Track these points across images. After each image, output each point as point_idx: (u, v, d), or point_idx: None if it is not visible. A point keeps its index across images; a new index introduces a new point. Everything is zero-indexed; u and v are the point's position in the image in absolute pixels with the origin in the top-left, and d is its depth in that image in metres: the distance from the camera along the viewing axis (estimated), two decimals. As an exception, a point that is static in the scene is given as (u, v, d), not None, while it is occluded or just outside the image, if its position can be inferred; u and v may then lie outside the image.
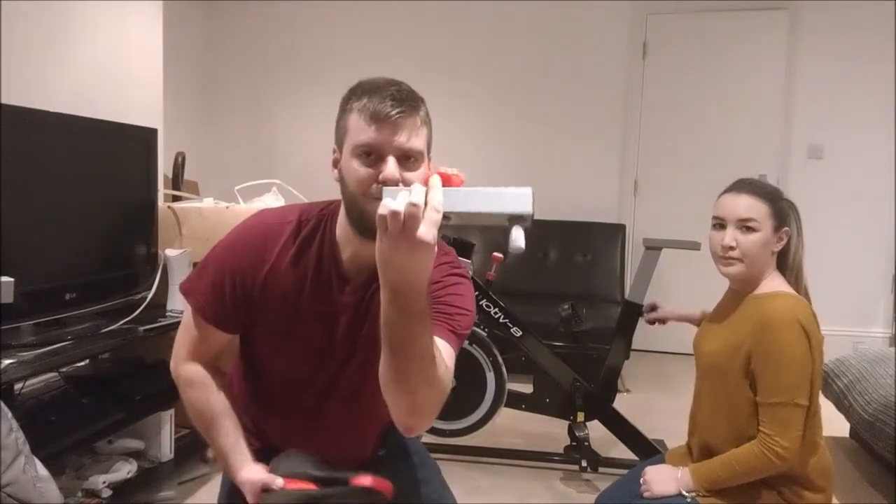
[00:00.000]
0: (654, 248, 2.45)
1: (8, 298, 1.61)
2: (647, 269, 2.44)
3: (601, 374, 2.51)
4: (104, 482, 2.04)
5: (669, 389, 3.63)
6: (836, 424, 2.67)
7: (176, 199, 2.85)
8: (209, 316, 1.16)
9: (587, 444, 2.46)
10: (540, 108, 4.56)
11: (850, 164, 4.18)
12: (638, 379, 3.78)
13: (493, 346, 2.48)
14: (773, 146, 4.26)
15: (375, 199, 0.96)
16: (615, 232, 4.29)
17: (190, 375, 1.19)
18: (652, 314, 2.14)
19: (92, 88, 2.58)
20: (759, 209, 1.48)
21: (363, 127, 1.01)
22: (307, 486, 0.98)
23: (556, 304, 2.63)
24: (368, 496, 0.97)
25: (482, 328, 2.54)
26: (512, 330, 2.48)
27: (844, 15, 4.10)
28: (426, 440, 2.42)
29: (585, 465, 2.47)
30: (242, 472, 1.12)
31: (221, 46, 4.95)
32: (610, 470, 2.49)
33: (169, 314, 2.28)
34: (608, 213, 4.45)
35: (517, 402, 2.60)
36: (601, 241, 4.26)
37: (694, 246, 2.35)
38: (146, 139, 2.46)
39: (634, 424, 2.49)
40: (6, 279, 1.62)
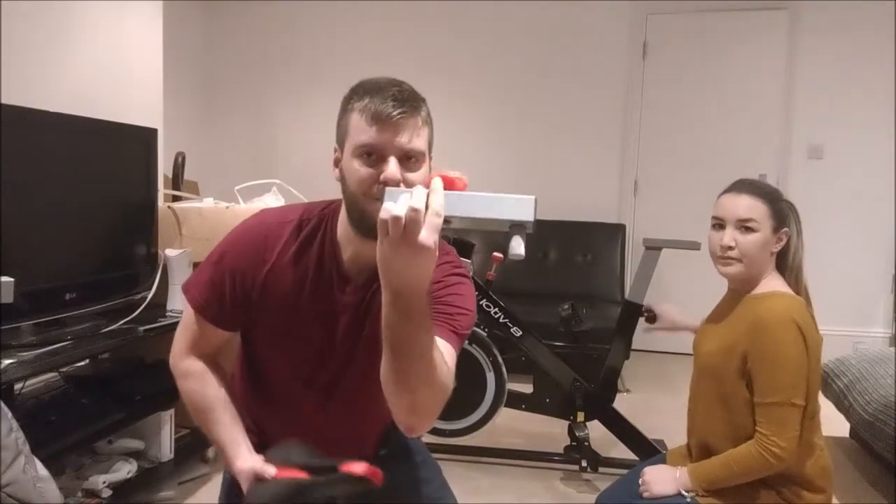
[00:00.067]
0: (654, 248, 2.45)
1: (8, 298, 1.61)
2: (647, 269, 2.44)
3: (601, 374, 2.51)
4: (104, 482, 2.04)
5: (669, 389, 3.63)
6: (836, 424, 2.67)
7: (176, 199, 2.85)
8: (208, 315, 1.17)
9: (587, 444, 2.46)
10: (540, 108, 4.56)
11: (850, 164, 4.18)
12: (638, 379, 3.78)
13: (493, 346, 2.49)
14: (773, 146, 4.26)
15: (376, 199, 0.97)
16: (615, 232, 4.29)
17: (188, 368, 1.20)
18: (652, 326, 2.11)
19: (92, 88, 2.58)
20: (758, 209, 1.48)
21: (364, 127, 1.01)
22: (298, 474, 0.97)
23: (556, 304, 2.63)
24: (358, 484, 0.97)
25: (482, 328, 2.54)
26: (512, 330, 2.48)
27: (844, 15, 4.10)
28: (426, 440, 2.41)
29: (585, 465, 2.47)
30: (238, 461, 1.11)
31: (221, 46, 4.95)
32: (610, 470, 2.49)
33: (169, 314, 2.28)
34: (608, 213, 4.45)
35: (517, 402, 2.60)
36: (601, 241, 4.26)
37: (694, 246, 2.35)
38: (146, 139, 2.46)
39: (634, 424, 2.49)
40: (6, 279, 1.62)
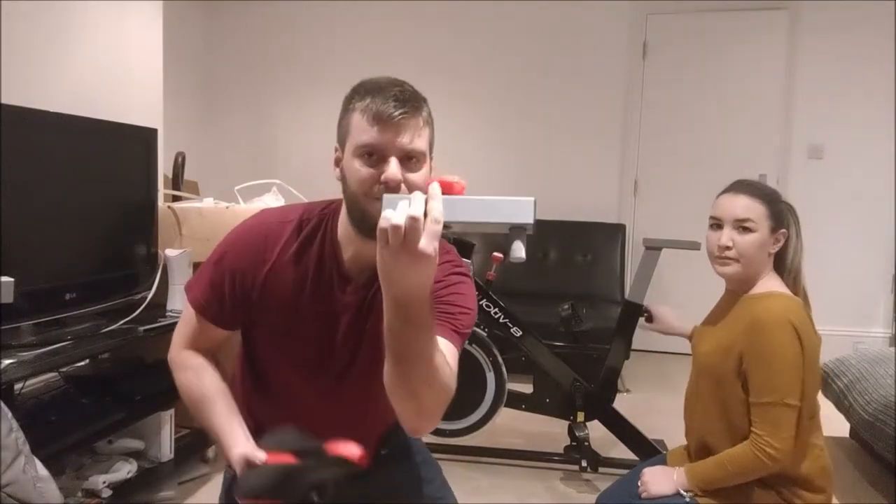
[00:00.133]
0: (654, 248, 2.45)
1: (8, 298, 1.61)
2: (647, 269, 2.44)
3: (601, 374, 2.51)
4: (104, 482, 2.04)
5: (669, 389, 3.62)
6: (836, 424, 2.67)
7: (176, 199, 2.85)
8: (209, 315, 1.17)
9: (587, 444, 2.46)
10: (540, 108, 4.56)
11: (850, 164, 4.18)
12: (638, 379, 3.78)
13: (493, 346, 2.48)
14: (773, 146, 4.26)
15: (377, 199, 0.96)
16: (615, 232, 4.29)
17: (185, 360, 1.20)
18: (648, 326, 2.12)
19: (92, 88, 2.58)
20: (756, 210, 1.48)
21: (366, 127, 1.01)
22: (287, 459, 0.97)
23: (556, 304, 2.63)
24: (344, 466, 0.97)
25: (482, 328, 2.54)
26: (512, 330, 2.48)
27: (844, 15, 4.10)
28: (426, 440, 2.40)
29: (585, 465, 2.47)
30: (233, 448, 1.09)
31: (221, 46, 4.95)
32: (610, 470, 2.49)
33: (169, 314, 2.28)
34: (608, 213, 4.45)
35: (517, 402, 2.60)
36: (601, 241, 4.26)
37: (694, 246, 2.35)
38: (146, 139, 2.46)
39: (634, 424, 2.49)
40: (6, 279, 1.62)
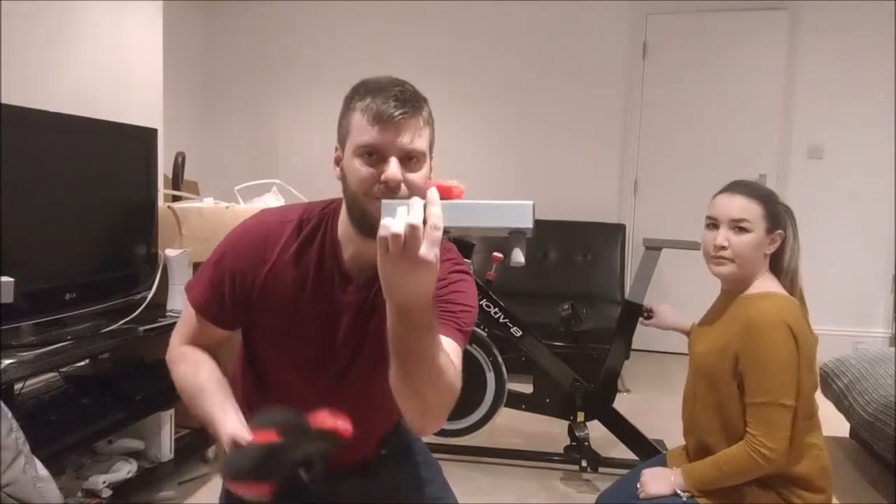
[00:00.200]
0: (654, 248, 2.45)
1: (8, 298, 1.61)
2: (647, 269, 2.44)
3: (601, 374, 2.51)
4: (104, 482, 2.04)
5: (669, 389, 3.63)
6: (836, 424, 2.67)
7: (176, 199, 2.85)
8: (209, 315, 1.17)
9: (587, 444, 2.46)
10: (540, 108, 4.56)
11: (850, 164, 4.18)
12: (638, 379, 3.78)
13: (493, 346, 2.48)
14: (773, 146, 4.26)
15: (377, 198, 0.97)
16: (615, 232, 4.29)
17: (183, 353, 1.19)
18: (647, 322, 2.13)
19: (92, 88, 2.58)
20: (752, 210, 1.48)
21: (366, 127, 1.01)
22: (271, 437, 0.95)
23: (556, 304, 2.63)
24: (328, 439, 0.95)
25: (482, 328, 2.54)
26: (512, 330, 2.48)
27: (844, 15, 4.10)
28: (426, 440, 2.41)
29: (585, 465, 2.47)
30: (222, 430, 1.04)
31: (221, 46, 4.95)
32: (610, 470, 2.49)
33: (169, 314, 2.28)
34: (608, 213, 4.45)
35: (517, 402, 2.60)
36: (601, 241, 4.26)
37: (694, 246, 2.34)
38: (146, 139, 2.46)
39: (634, 424, 2.49)
40: (6, 279, 1.62)
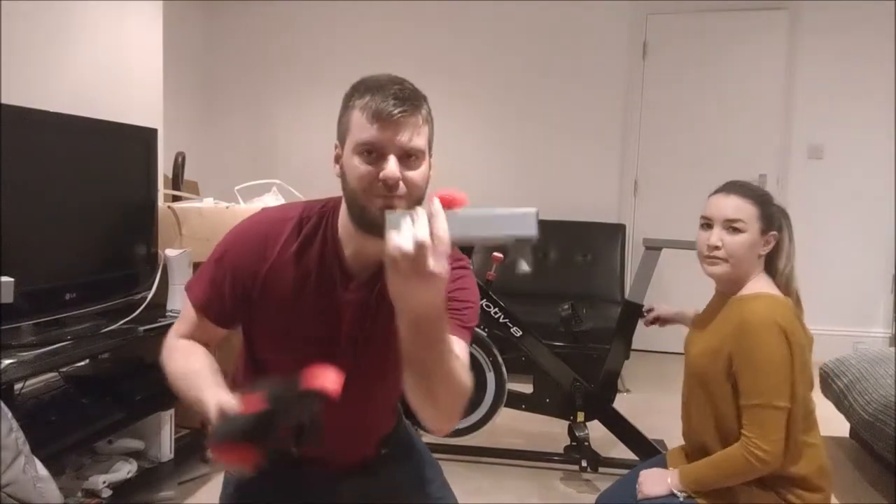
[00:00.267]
0: (654, 248, 2.45)
1: (8, 298, 1.61)
2: (647, 269, 2.44)
3: (601, 374, 2.51)
4: (104, 482, 2.05)
5: (669, 389, 3.61)
6: (836, 424, 2.67)
7: (176, 199, 2.85)
8: (210, 314, 1.17)
9: (587, 444, 2.46)
10: (540, 108, 4.56)
11: (850, 164, 4.18)
12: (638, 379, 3.78)
13: (493, 346, 2.49)
14: (773, 146, 4.26)
15: (377, 196, 0.99)
16: (615, 232, 4.29)
17: (176, 344, 1.18)
18: (649, 315, 2.13)
19: (92, 88, 2.58)
20: (746, 211, 1.48)
21: (365, 125, 1.01)
22: (260, 404, 0.92)
23: (556, 304, 2.63)
24: (316, 399, 0.91)
25: (482, 328, 2.54)
26: (512, 330, 2.48)
27: (844, 15, 4.10)
28: (427, 440, 2.41)
29: (585, 465, 2.47)
30: (210, 402, 0.97)
31: (221, 46, 4.95)
32: (610, 470, 2.49)
33: (169, 314, 2.28)
34: (608, 213, 4.45)
35: (517, 402, 2.60)
36: (601, 241, 4.26)
37: (694, 246, 2.33)
38: (146, 139, 2.46)
39: (634, 424, 2.49)
40: (6, 279, 1.62)
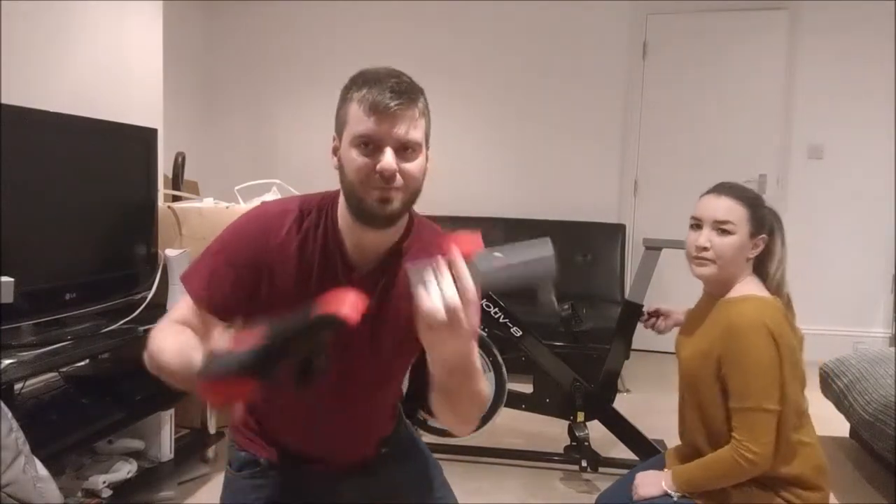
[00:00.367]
0: (654, 248, 2.45)
1: (8, 298, 1.62)
2: (647, 269, 2.44)
3: (601, 374, 2.51)
4: (104, 482, 2.05)
5: (669, 389, 3.59)
6: (836, 424, 2.66)
7: (176, 199, 2.85)
8: (210, 307, 1.12)
9: (587, 444, 2.46)
10: (540, 108, 4.55)
11: (850, 164, 4.18)
12: (638, 379, 3.78)
13: (493, 346, 2.48)
14: (773, 146, 4.26)
15: (374, 188, 1.02)
16: (615, 232, 4.29)
17: (161, 326, 1.09)
18: (651, 321, 2.07)
19: (92, 88, 2.58)
20: (736, 212, 1.47)
21: (362, 117, 1.01)
22: (257, 340, 0.76)
23: (555, 304, 2.63)
24: (328, 325, 0.77)
25: (482, 328, 2.54)
26: (512, 330, 2.48)
27: (844, 15, 4.10)
28: (427, 440, 2.41)
29: (585, 465, 2.46)
30: (202, 353, 0.85)
31: (221, 46, 4.94)
32: (610, 470, 2.49)
33: (169, 314, 2.28)
34: (608, 213, 4.45)
35: (517, 402, 2.60)
36: (601, 241, 4.26)
37: (694, 246, 2.34)
38: (146, 139, 2.46)
39: (634, 424, 2.49)
40: (6, 279, 1.62)
